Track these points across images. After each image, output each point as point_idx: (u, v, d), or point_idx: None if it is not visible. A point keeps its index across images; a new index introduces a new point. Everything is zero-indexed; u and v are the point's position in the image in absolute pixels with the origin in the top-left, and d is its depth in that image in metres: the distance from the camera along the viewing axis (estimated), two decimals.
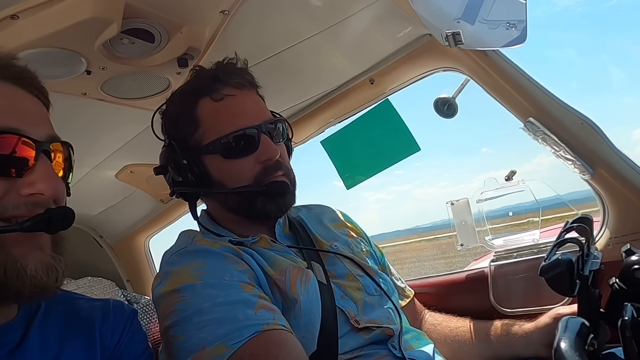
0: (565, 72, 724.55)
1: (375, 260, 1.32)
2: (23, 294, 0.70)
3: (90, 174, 1.83)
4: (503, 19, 1.13)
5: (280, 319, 0.93)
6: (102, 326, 0.88)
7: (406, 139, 1.65)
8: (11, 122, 0.71)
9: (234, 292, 0.95)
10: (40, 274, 0.70)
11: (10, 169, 0.69)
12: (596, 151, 1.30)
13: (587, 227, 0.91)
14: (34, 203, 0.71)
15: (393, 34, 1.46)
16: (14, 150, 0.70)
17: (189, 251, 1.07)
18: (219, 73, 1.13)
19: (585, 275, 0.76)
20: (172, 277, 1.02)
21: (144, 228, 2.33)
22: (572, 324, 0.55)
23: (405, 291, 1.40)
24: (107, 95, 1.36)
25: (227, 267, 1.01)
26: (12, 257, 0.68)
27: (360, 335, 1.07)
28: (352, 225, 1.37)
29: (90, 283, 2.17)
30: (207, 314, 0.92)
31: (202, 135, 1.12)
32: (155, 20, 1.12)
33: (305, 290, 1.02)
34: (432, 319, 1.42)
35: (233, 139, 1.09)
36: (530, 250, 1.52)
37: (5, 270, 0.67)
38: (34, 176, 0.71)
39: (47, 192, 0.71)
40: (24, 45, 1.05)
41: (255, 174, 1.10)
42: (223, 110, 1.12)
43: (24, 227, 0.68)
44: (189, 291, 0.97)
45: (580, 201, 1.70)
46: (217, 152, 1.10)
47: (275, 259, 1.07)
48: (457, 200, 1.64)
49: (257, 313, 0.92)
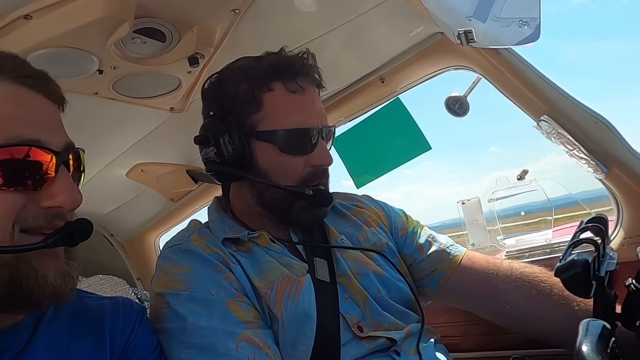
0: (580, 69, 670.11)
1: (394, 252, 1.22)
2: (43, 303, 0.71)
3: (101, 173, 1.84)
4: (516, 16, 1.12)
5: (261, 357, 0.91)
6: (111, 325, 0.87)
7: (417, 138, 1.64)
8: (31, 132, 0.70)
9: (218, 314, 0.95)
10: (60, 282, 0.71)
11: (31, 182, 0.70)
12: (610, 150, 1.28)
13: (602, 227, 0.90)
14: (53, 214, 0.71)
15: (404, 32, 1.45)
16: (35, 162, 0.70)
17: (182, 250, 1.05)
18: (296, 62, 1.10)
19: (602, 276, 0.75)
20: (161, 275, 1.03)
21: (155, 226, 2.34)
22: (593, 327, 0.54)
23: (444, 263, 1.22)
24: (118, 95, 1.37)
25: (215, 277, 1.00)
26: (32, 268, 0.69)
27: (362, 344, 1.02)
28: (374, 209, 1.30)
29: (101, 281, 2.18)
30: (189, 337, 0.93)
31: (262, 120, 1.07)
32: (166, 20, 1.12)
33: (294, 304, 1.00)
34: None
35: (294, 134, 1.06)
36: (543, 250, 1.51)
37: (28, 280, 0.68)
38: (55, 188, 0.71)
39: (67, 205, 0.72)
40: (37, 45, 1.05)
41: (303, 176, 1.08)
42: (293, 102, 1.08)
43: (49, 244, 0.69)
44: (175, 300, 0.97)
45: (592, 200, 1.69)
46: (274, 143, 1.06)
47: (266, 267, 1.04)
48: (468, 199, 1.63)
49: (239, 347, 0.91)
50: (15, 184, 0.68)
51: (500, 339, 1.51)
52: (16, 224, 0.68)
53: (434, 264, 1.23)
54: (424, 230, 1.29)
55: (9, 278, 0.68)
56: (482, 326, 1.53)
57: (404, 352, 1.04)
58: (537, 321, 1.14)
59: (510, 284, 1.16)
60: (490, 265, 1.21)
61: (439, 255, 1.24)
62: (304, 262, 1.10)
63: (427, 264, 1.23)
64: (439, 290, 1.23)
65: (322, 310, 1.01)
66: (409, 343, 1.06)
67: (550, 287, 1.12)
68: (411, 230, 1.28)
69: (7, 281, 0.68)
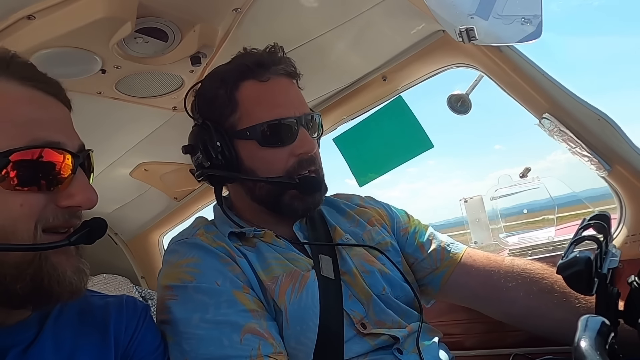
0: (582, 66, 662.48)
1: (397, 251, 1.23)
2: (61, 299, 0.75)
3: (105, 172, 1.85)
4: (518, 14, 1.11)
5: (266, 347, 0.92)
6: (115, 323, 0.89)
7: (419, 136, 1.64)
8: (51, 135, 0.73)
9: (224, 304, 0.96)
10: (76, 279, 0.75)
11: (51, 182, 0.72)
12: (613, 147, 1.28)
13: (604, 224, 0.90)
14: (70, 214, 0.75)
15: (406, 30, 1.45)
16: (56, 163, 0.73)
17: (188, 243, 1.07)
18: (263, 58, 1.11)
19: (604, 274, 0.75)
20: (168, 268, 1.04)
21: (158, 225, 2.35)
22: (592, 323, 0.54)
23: (444, 261, 1.23)
24: (121, 94, 1.37)
25: (221, 269, 1.01)
26: (52, 266, 0.72)
27: (365, 340, 1.03)
28: (376, 209, 1.30)
29: (105, 280, 2.19)
30: (194, 328, 0.94)
31: (239, 119, 1.09)
32: (168, 19, 1.13)
33: (297, 299, 1.01)
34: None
35: (271, 127, 1.07)
36: (545, 247, 1.51)
37: (50, 278, 0.72)
38: (73, 189, 0.74)
39: (85, 204, 0.75)
40: (40, 45, 1.06)
41: (289, 167, 1.08)
42: (265, 96, 1.09)
43: (71, 242, 0.73)
44: (181, 292, 0.98)
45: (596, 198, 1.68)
46: (253, 139, 1.07)
47: (271, 262, 1.06)
48: (470, 197, 1.63)
49: (243, 340, 0.91)
50: (37, 185, 0.71)
51: (503, 336, 1.51)
52: (38, 224, 0.71)
53: (435, 263, 1.24)
54: (425, 229, 1.30)
55: (33, 276, 0.70)
56: (484, 324, 1.53)
57: (406, 350, 1.05)
58: (540, 319, 1.14)
59: (512, 282, 1.16)
60: (491, 262, 1.21)
61: (440, 253, 1.24)
62: (309, 258, 1.11)
63: (428, 263, 1.24)
64: (441, 289, 1.24)
65: (326, 306, 1.02)
66: (412, 341, 1.07)
67: (551, 284, 1.13)
68: (412, 230, 1.29)
69: (30, 279, 0.70)
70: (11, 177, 0.69)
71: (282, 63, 1.12)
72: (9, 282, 0.70)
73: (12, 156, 0.69)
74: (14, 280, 0.70)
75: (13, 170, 0.69)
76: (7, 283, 0.70)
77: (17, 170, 0.69)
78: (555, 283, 1.12)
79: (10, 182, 0.69)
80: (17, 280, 0.70)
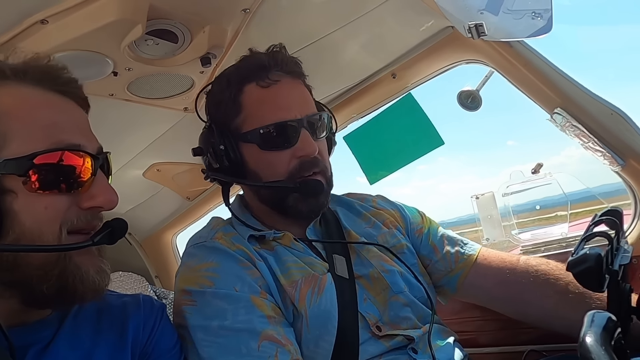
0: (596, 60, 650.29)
1: (413, 253, 1.23)
2: (85, 298, 0.76)
3: (118, 173, 1.87)
4: (528, 8, 1.11)
5: (283, 354, 0.92)
6: (133, 321, 0.90)
7: (430, 133, 1.63)
8: (72, 137, 0.75)
9: (242, 310, 0.96)
10: (98, 278, 0.76)
11: (73, 184, 0.74)
12: (627, 142, 1.26)
13: (616, 220, 0.89)
14: (92, 215, 0.76)
15: (415, 27, 1.44)
16: (78, 166, 0.74)
17: (207, 247, 1.07)
18: (265, 60, 1.11)
19: (615, 270, 0.74)
20: (186, 272, 1.05)
21: (171, 225, 2.37)
22: (599, 318, 0.53)
23: (459, 263, 1.23)
24: (133, 96, 1.39)
25: (240, 273, 1.01)
26: (76, 266, 0.74)
27: (380, 342, 1.04)
28: (390, 211, 1.30)
29: (121, 277, 2.23)
30: (212, 335, 0.94)
31: (243, 122, 1.10)
32: (178, 21, 1.14)
33: (317, 302, 1.01)
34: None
35: (272, 130, 1.07)
36: (558, 244, 1.50)
37: (74, 278, 0.73)
38: (95, 190, 0.76)
39: (106, 205, 0.77)
40: (53, 49, 1.08)
41: (290, 170, 1.08)
42: (267, 99, 1.09)
43: (95, 242, 0.74)
44: (199, 297, 0.98)
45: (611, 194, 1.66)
46: (255, 142, 1.08)
47: (290, 266, 1.06)
48: (482, 194, 1.62)
49: (260, 347, 0.92)
50: (59, 187, 0.73)
51: (517, 333, 1.50)
52: (63, 226, 0.73)
53: (450, 265, 1.24)
54: (438, 230, 1.29)
55: (58, 276, 0.72)
56: (498, 321, 1.52)
57: (421, 350, 1.05)
58: (556, 319, 1.14)
59: (527, 284, 1.16)
60: (506, 263, 1.21)
61: (454, 255, 1.24)
62: (325, 262, 1.11)
63: (443, 265, 1.24)
64: (457, 290, 1.25)
65: (343, 308, 1.03)
66: (427, 341, 1.06)
67: (566, 284, 1.12)
68: (426, 231, 1.29)
69: (56, 279, 0.72)
70: (35, 180, 0.70)
71: (285, 64, 1.12)
72: (36, 283, 0.71)
73: (36, 159, 0.70)
74: (40, 280, 0.71)
75: (37, 174, 0.70)
76: (33, 284, 0.71)
77: (40, 174, 0.70)
78: (570, 283, 1.11)
79: (34, 185, 0.70)
80: (43, 280, 0.71)
